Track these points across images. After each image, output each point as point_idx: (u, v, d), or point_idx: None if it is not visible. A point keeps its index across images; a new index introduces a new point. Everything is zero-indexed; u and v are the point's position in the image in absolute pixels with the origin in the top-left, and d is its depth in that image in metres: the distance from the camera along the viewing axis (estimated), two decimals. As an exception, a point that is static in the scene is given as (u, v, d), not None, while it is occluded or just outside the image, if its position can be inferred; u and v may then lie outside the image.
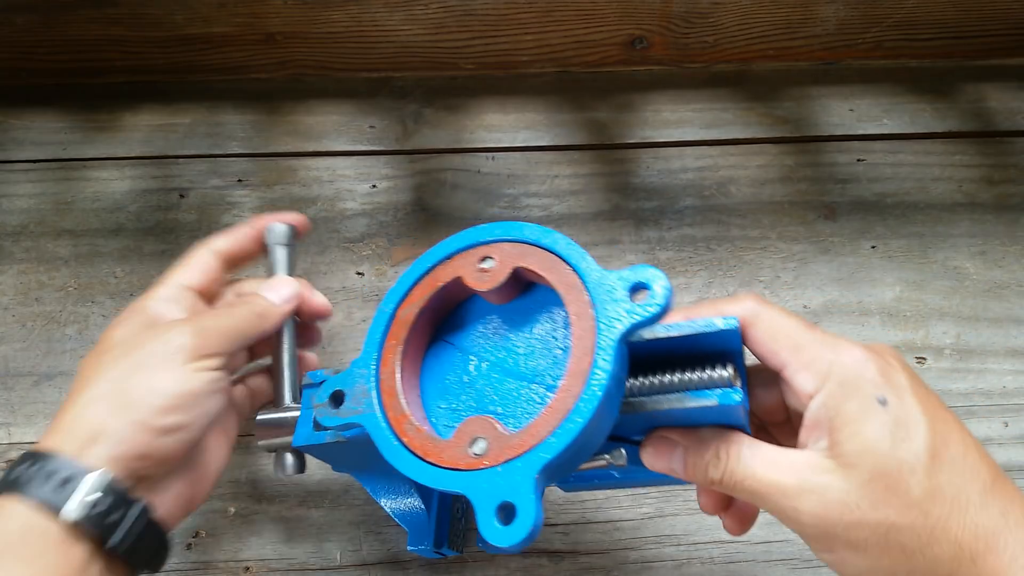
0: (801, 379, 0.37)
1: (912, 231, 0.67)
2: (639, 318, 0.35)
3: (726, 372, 0.38)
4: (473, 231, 0.42)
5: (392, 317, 0.42)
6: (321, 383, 0.45)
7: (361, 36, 0.71)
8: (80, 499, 0.38)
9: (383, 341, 0.42)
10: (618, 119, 0.72)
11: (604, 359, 0.35)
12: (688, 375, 0.38)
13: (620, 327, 0.36)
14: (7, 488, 0.38)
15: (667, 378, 0.39)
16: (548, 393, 0.39)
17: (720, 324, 0.38)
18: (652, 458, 0.40)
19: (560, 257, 0.39)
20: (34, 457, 0.39)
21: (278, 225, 0.51)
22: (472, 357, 0.43)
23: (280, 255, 0.51)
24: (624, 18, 0.70)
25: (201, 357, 0.43)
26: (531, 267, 0.40)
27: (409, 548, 0.49)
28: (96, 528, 0.38)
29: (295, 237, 0.52)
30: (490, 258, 0.41)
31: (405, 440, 0.39)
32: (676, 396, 0.38)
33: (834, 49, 0.74)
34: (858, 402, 0.35)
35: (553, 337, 0.41)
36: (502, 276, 0.40)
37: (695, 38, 0.72)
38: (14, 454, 0.58)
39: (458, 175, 0.69)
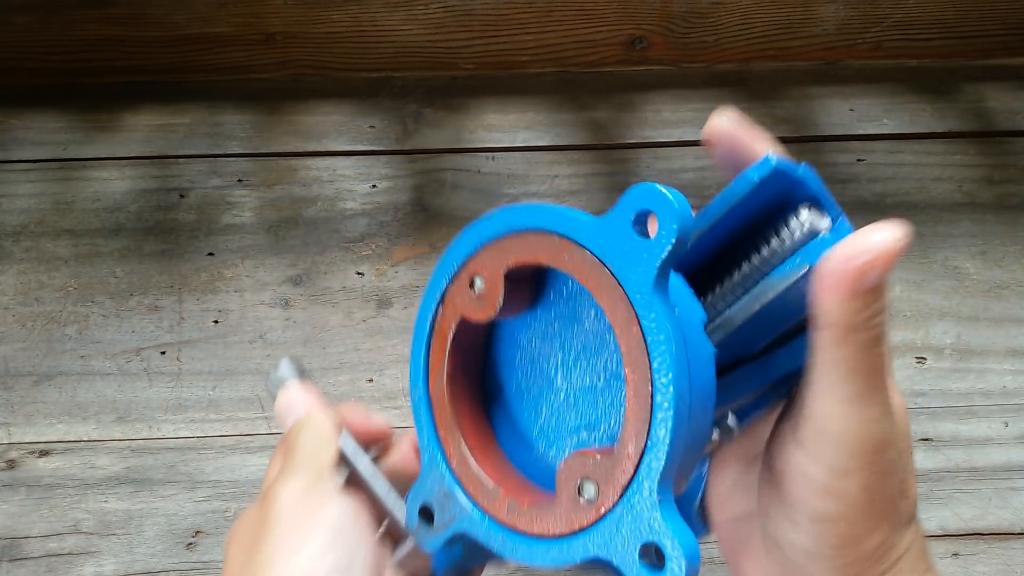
0: None
1: (912, 231, 0.67)
2: (664, 252, 0.27)
3: (800, 219, 0.30)
4: (443, 260, 0.35)
5: (428, 399, 0.36)
6: None
7: (361, 36, 0.71)
8: None
9: (434, 430, 0.35)
10: (618, 119, 0.72)
11: (650, 320, 0.28)
12: (762, 252, 0.31)
13: (650, 274, 0.28)
14: None
15: (742, 270, 0.31)
16: (621, 383, 0.32)
17: (756, 175, 0.30)
18: None
19: (543, 230, 0.32)
20: None
21: (283, 364, 0.43)
22: (532, 384, 0.36)
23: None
24: (624, 18, 0.70)
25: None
26: (520, 262, 0.33)
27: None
28: None
29: (301, 370, 0.44)
30: (477, 276, 0.33)
31: (513, 525, 0.33)
32: (760, 289, 0.30)
33: (834, 49, 0.74)
34: None
35: (597, 313, 0.33)
36: (498, 292, 0.33)
37: (695, 38, 0.72)
38: (14, 454, 0.58)
39: (458, 175, 0.69)
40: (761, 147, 0.31)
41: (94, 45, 0.70)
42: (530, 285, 0.34)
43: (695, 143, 0.71)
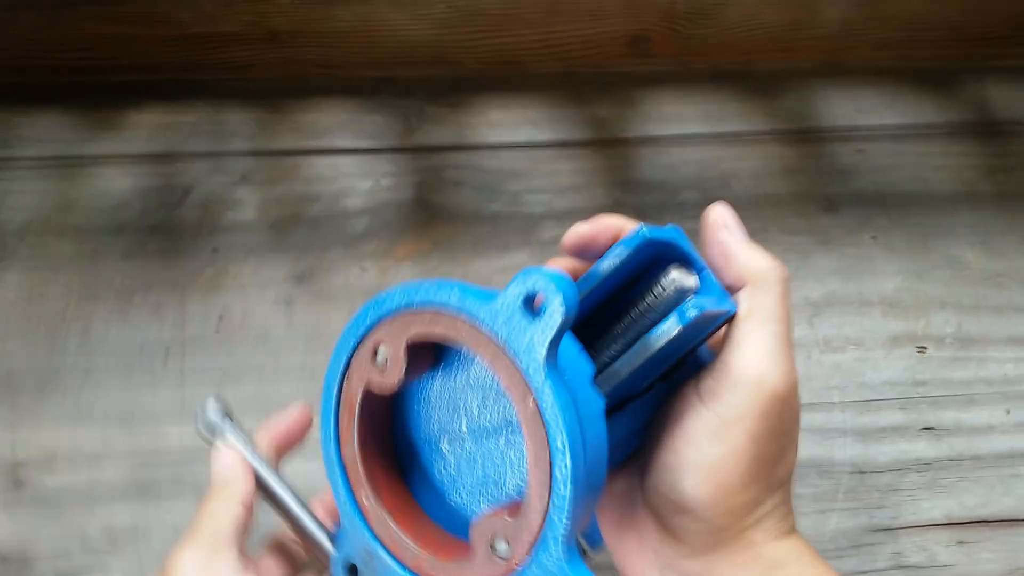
0: None
1: (912, 222, 0.68)
2: (552, 331, 0.30)
3: (669, 278, 0.34)
4: (345, 332, 0.36)
5: (341, 464, 0.37)
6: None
7: (366, 34, 0.71)
8: None
9: (351, 492, 0.37)
10: (621, 115, 0.73)
11: (543, 393, 0.31)
12: (639, 306, 0.35)
13: (540, 352, 0.31)
14: None
15: (623, 322, 0.36)
16: (520, 439, 0.35)
17: (630, 244, 0.35)
18: None
19: (438, 306, 0.33)
20: None
21: (209, 405, 0.45)
22: (442, 443, 0.38)
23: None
24: (628, 16, 0.71)
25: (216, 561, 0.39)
26: (420, 335, 0.34)
27: None
28: None
29: (226, 411, 0.46)
30: (380, 347, 0.35)
31: None
32: (641, 345, 0.35)
33: (838, 49, 0.75)
34: None
35: (491, 376, 0.36)
36: (400, 362, 0.34)
37: (698, 36, 0.73)
38: (19, 452, 0.58)
39: (461, 172, 0.70)
40: (616, 223, 0.37)
41: (99, 43, 0.70)
42: (431, 351, 0.36)
43: (695, 137, 0.71)
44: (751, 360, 0.34)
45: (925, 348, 0.62)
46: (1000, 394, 0.60)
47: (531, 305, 0.31)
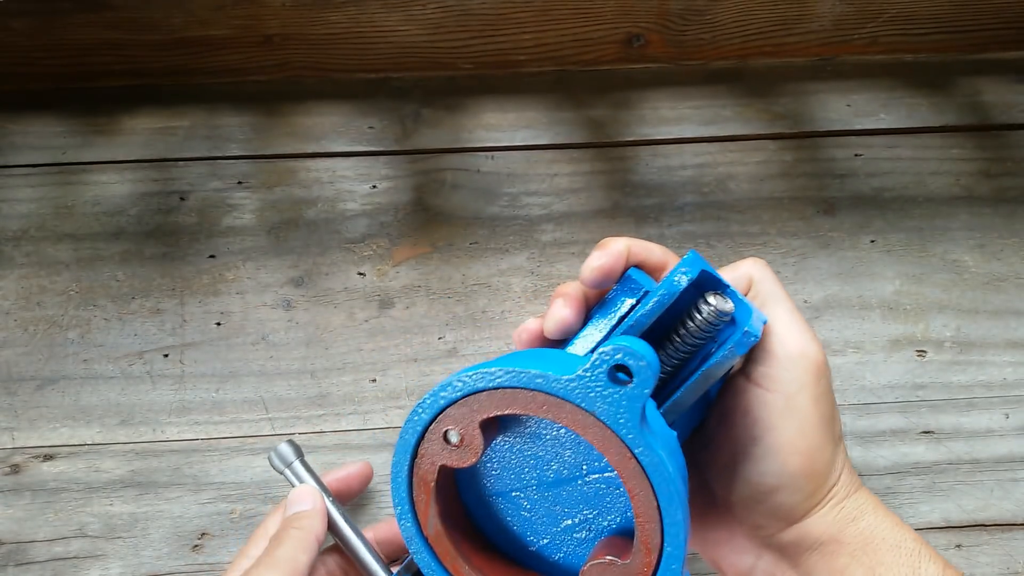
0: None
1: (911, 225, 0.67)
2: (644, 398, 0.32)
3: (709, 307, 0.37)
4: (408, 423, 0.37)
5: (426, 543, 0.39)
6: None
7: (359, 37, 0.71)
8: None
9: (442, 567, 0.39)
10: (616, 117, 0.72)
11: (647, 454, 0.33)
12: (682, 332, 0.38)
13: (636, 417, 0.33)
14: None
15: (668, 348, 0.39)
16: (601, 475, 0.37)
17: (676, 284, 0.37)
18: None
19: (513, 388, 0.35)
20: None
21: (281, 446, 0.52)
22: (515, 492, 0.39)
23: (291, 474, 0.52)
24: (621, 16, 0.71)
25: None
26: (494, 414, 0.35)
27: None
28: None
29: (300, 454, 0.52)
30: (450, 431, 0.36)
31: None
32: (701, 377, 0.38)
33: (830, 45, 0.75)
34: None
35: (561, 428, 0.38)
36: (476, 442, 0.36)
37: (692, 35, 0.73)
38: (18, 459, 0.58)
39: (458, 175, 0.69)
40: (625, 247, 0.41)
41: (91, 49, 0.70)
42: (496, 419, 0.38)
43: (694, 140, 0.71)
44: (788, 339, 0.40)
45: (924, 352, 0.62)
46: (999, 398, 0.60)
47: (617, 376, 0.33)
